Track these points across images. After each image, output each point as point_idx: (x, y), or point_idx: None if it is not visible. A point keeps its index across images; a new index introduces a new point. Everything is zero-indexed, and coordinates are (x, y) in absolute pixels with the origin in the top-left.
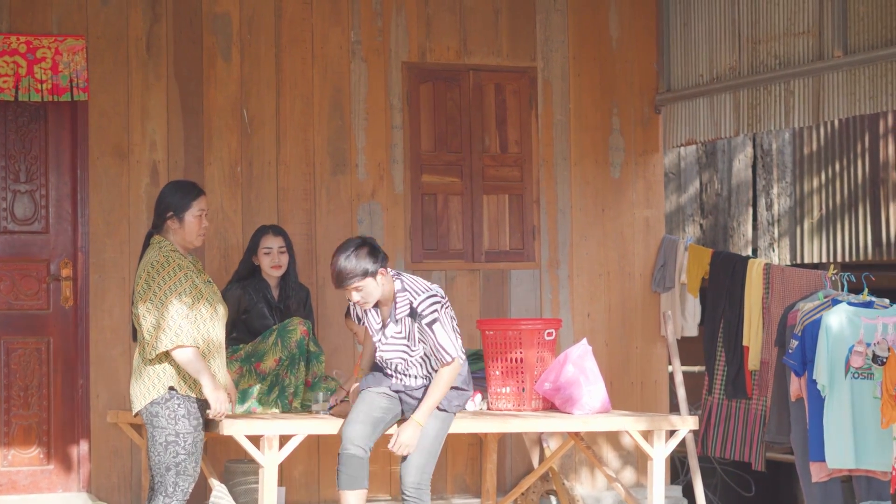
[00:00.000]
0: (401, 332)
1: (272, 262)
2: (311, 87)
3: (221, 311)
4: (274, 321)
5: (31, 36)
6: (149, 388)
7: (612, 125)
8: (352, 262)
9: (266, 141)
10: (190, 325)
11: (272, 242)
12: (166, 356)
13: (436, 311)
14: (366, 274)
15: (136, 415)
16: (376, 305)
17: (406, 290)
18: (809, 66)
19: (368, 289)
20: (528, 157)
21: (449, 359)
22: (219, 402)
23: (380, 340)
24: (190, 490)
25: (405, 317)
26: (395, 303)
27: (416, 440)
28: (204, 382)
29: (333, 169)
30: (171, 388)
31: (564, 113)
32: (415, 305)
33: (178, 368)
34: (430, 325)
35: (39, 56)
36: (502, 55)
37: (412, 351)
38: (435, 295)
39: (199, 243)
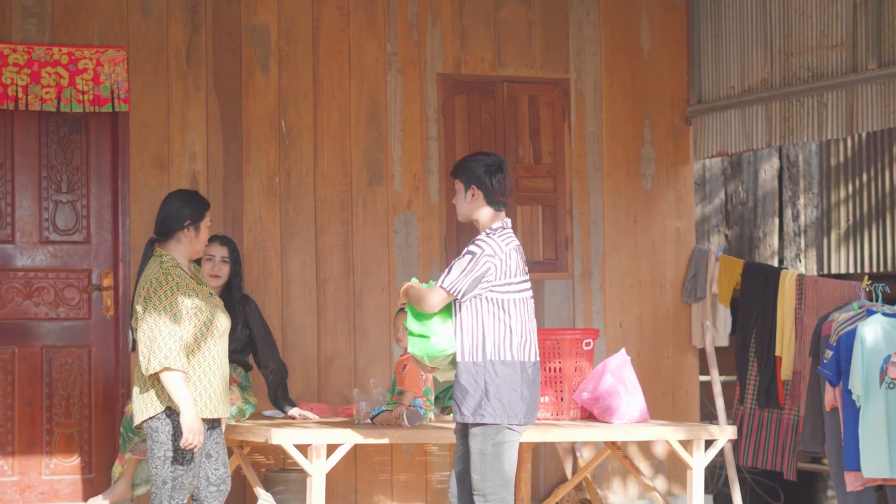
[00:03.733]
0: None
1: (211, 270)
2: (347, 98)
3: (223, 325)
4: None
5: (74, 47)
6: (148, 403)
7: (643, 136)
8: (466, 160)
9: (304, 152)
10: (180, 348)
11: (216, 251)
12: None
13: (470, 251)
14: (458, 176)
15: (138, 426)
16: None
17: (485, 231)
18: (843, 78)
19: (458, 196)
20: (561, 169)
21: (436, 282)
22: (192, 434)
23: None
24: (185, 502)
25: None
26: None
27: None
28: (182, 410)
29: (370, 180)
30: (170, 408)
31: (597, 124)
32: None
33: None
34: (459, 255)
35: (81, 67)
36: (536, 67)
37: None
38: (483, 241)
39: (202, 254)
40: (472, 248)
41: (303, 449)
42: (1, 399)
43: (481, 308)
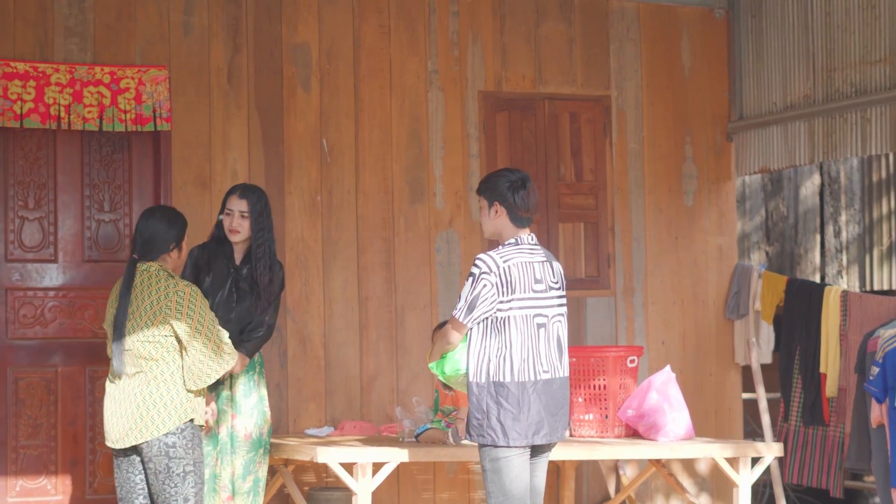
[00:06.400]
0: None
1: (229, 225)
2: (389, 116)
3: None
4: (231, 287)
5: (115, 66)
6: (164, 418)
7: (685, 153)
8: (490, 176)
9: (345, 170)
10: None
11: (234, 205)
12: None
13: (470, 272)
14: (482, 193)
15: (136, 445)
16: None
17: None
18: (887, 93)
19: (482, 213)
20: (602, 186)
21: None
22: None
23: None
24: None
25: None
26: None
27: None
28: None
29: (412, 197)
30: (191, 420)
31: (638, 141)
32: None
33: (199, 399)
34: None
35: (123, 86)
36: (577, 84)
37: None
38: (479, 260)
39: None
40: (472, 269)
41: (348, 467)
42: (44, 418)
43: (488, 329)
